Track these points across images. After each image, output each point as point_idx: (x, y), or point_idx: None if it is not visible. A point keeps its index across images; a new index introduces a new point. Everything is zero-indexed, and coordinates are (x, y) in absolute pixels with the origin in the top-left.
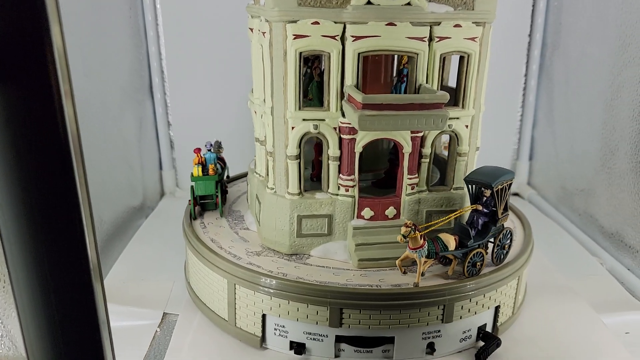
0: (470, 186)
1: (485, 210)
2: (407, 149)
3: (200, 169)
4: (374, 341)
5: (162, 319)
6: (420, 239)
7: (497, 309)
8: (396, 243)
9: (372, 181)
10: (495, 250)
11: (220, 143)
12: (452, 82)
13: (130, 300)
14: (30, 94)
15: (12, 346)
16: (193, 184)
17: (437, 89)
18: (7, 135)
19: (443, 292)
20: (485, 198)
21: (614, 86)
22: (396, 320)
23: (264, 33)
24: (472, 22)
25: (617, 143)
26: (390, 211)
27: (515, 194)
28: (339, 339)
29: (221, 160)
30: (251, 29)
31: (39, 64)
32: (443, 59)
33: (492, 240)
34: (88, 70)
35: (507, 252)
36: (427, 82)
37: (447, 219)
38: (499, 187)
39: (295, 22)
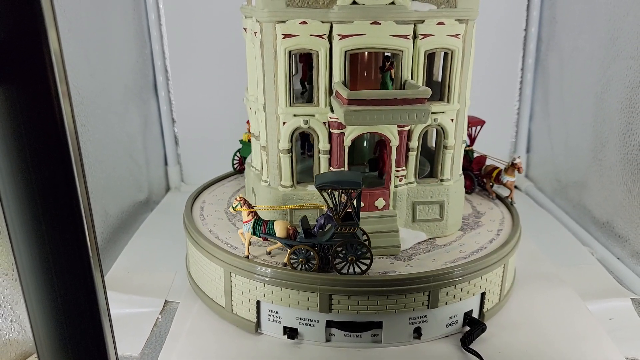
0: None
1: (327, 212)
2: (394, 142)
3: (248, 136)
4: (362, 326)
5: (163, 307)
6: (248, 215)
7: (483, 295)
8: (385, 232)
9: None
10: (332, 256)
11: None
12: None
13: (134, 289)
14: (31, 95)
15: (21, 330)
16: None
17: (423, 84)
18: (9, 134)
19: (428, 278)
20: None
21: (604, 79)
22: (383, 305)
23: (255, 33)
24: (455, 20)
25: (607, 135)
26: (380, 202)
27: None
28: (329, 324)
29: None
30: (245, 29)
31: (37, 66)
32: (431, 56)
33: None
34: (94, 70)
35: (361, 270)
36: (412, 78)
37: (265, 208)
38: (332, 191)
39: (284, 22)
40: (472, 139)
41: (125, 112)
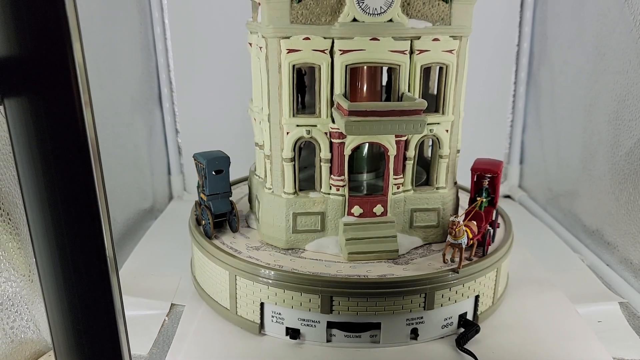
0: None
1: None
2: (392, 151)
3: None
4: (362, 327)
5: (170, 309)
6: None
7: (477, 298)
8: (383, 238)
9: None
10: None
11: None
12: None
13: (141, 293)
14: (56, 103)
15: (36, 330)
16: None
17: (419, 97)
18: (34, 141)
19: (424, 281)
20: None
21: (593, 93)
22: (381, 307)
23: (260, 47)
24: (450, 36)
25: (595, 146)
26: (378, 209)
27: (507, 197)
28: (330, 325)
29: None
30: (250, 44)
31: (63, 77)
32: (427, 70)
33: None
34: (102, 82)
35: (207, 234)
36: (409, 91)
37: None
38: (198, 163)
39: (288, 37)
40: (496, 189)
41: (132, 123)
